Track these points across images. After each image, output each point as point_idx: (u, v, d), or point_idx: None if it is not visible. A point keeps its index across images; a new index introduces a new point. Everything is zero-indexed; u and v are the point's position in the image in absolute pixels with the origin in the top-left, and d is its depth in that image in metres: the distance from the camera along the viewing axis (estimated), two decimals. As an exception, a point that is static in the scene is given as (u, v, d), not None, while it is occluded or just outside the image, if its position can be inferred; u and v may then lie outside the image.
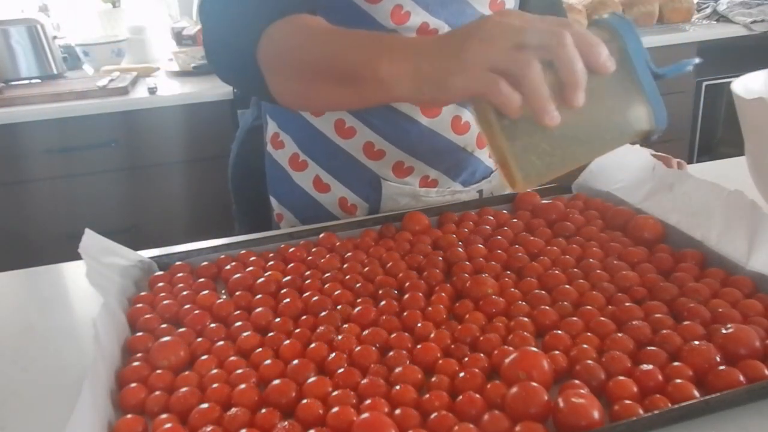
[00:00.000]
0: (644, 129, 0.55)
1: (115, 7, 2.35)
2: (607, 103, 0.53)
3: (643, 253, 0.67)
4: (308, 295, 0.63)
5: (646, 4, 2.28)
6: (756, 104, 0.67)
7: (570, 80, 0.48)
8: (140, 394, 0.51)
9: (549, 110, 0.48)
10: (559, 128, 0.50)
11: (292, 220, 0.91)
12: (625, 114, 0.54)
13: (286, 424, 0.46)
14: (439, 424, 0.45)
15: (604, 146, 0.55)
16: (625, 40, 0.52)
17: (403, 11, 0.78)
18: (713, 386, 0.47)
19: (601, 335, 0.53)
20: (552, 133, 0.51)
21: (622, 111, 0.54)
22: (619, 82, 0.52)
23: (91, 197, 1.91)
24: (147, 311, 0.62)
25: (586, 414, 0.43)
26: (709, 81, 2.32)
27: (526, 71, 0.48)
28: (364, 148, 0.84)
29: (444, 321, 0.58)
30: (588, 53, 0.49)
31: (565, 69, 0.48)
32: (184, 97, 1.88)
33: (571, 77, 0.48)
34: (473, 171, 0.91)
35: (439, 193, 0.89)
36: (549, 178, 0.55)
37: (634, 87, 0.53)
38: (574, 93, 0.49)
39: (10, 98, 1.84)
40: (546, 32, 0.48)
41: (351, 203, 0.88)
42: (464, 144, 0.87)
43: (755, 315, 0.54)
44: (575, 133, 0.53)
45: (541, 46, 0.48)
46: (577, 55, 0.48)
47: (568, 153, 0.54)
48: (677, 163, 0.85)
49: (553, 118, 0.49)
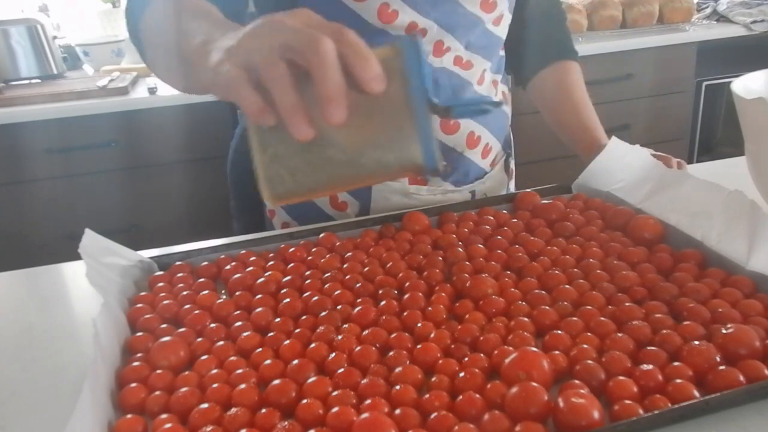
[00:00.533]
0: (410, 164, 0.48)
1: (115, 7, 2.35)
2: (373, 127, 0.47)
3: (643, 253, 0.67)
4: (308, 295, 0.63)
5: (646, 4, 2.28)
6: (756, 104, 0.67)
7: (321, 91, 0.43)
8: (140, 394, 0.51)
9: (295, 121, 0.44)
10: (315, 146, 0.46)
11: (284, 216, 0.91)
12: (391, 144, 0.48)
13: (286, 424, 0.46)
14: (439, 424, 0.45)
15: (368, 175, 0.49)
16: (405, 60, 0.47)
17: (390, 9, 0.77)
18: (713, 386, 0.47)
19: (601, 335, 0.53)
20: (305, 149, 0.47)
21: (388, 139, 0.48)
22: (391, 107, 0.47)
23: (91, 197, 1.91)
24: (147, 311, 0.62)
25: (586, 414, 0.43)
26: (709, 81, 2.32)
27: (271, 74, 0.44)
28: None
29: (444, 321, 0.58)
30: (354, 66, 0.44)
31: (318, 78, 0.43)
32: (184, 97, 1.87)
33: (322, 88, 0.43)
34: (465, 171, 0.91)
35: (430, 191, 0.89)
36: (302, 197, 0.50)
37: (406, 115, 0.47)
38: (327, 106, 0.43)
39: (10, 98, 1.83)
40: (306, 37, 0.43)
41: (341, 200, 0.89)
42: (453, 144, 0.87)
43: (755, 315, 0.54)
44: (332, 154, 0.48)
45: (298, 51, 0.44)
46: (333, 65, 0.43)
47: (323, 175, 0.48)
48: (677, 162, 0.85)
49: (300, 131, 0.44)
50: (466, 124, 0.87)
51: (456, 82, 0.85)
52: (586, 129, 0.90)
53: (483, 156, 0.92)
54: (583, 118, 0.91)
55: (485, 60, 0.88)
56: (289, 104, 0.44)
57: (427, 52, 0.81)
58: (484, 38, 0.86)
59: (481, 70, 0.88)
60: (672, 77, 2.27)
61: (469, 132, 0.87)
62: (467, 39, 0.84)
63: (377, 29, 0.78)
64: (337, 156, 0.48)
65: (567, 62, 0.96)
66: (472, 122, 0.87)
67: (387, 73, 0.45)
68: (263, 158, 0.48)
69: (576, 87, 0.94)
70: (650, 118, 2.29)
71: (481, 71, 0.88)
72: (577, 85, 0.94)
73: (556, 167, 0.86)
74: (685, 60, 2.26)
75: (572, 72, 0.95)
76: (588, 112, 0.92)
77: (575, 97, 0.93)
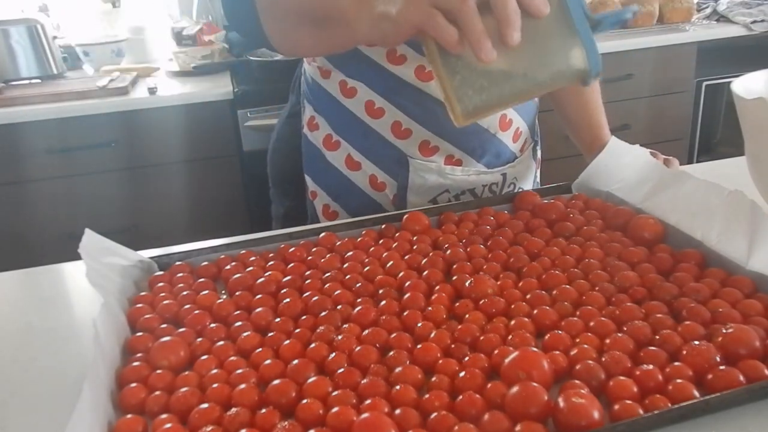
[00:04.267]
0: (578, 70, 0.57)
1: (115, 7, 2.35)
2: (543, 44, 0.56)
3: (643, 253, 0.67)
4: (308, 295, 0.63)
5: (646, 4, 2.28)
6: (756, 104, 0.67)
7: (502, 18, 0.52)
8: (140, 394, 0.51)
9: (483, 45, 0.52)
10: (497, 66, 0.54)
11: (325, 197, 0.94)
12: (559, 55, 0.56)
13: (286, 424, 0.46)
14: (439, 424, 0.45)
15: (540, 86, 0.58)
16: None
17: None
18: (713, 386, 0.47)
19: (601, 335, 0.53)
20: (489, 70, 0.55)
21: (556, 52, 0.56)
22: (555, 25, 0.55)
23: (91, 197, 1.91)
24: (147, 311, 0.62)
25: (586, 414, 0.43)
26: (709, 81, 2.32)
27: (460, 5, 0.53)
28: (392, 128, 0.87)
29: (444, 321, 0.58)
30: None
31: (498, 8, 0.52)
32: (184, 97, 1.88)
33: (503, 15, 0.52)
34: (497, 153, 0.92)
35: (464, 172, 0.90)
36: (487, 113, 0.59)
37: (570, 30, 0.55)
38: (507, 31, 0.52)
39: (10, 98, 1.83)
40: None
41: (380, 180, 0.90)
42: (487, 125, 0.88)
43: (755, 315, 0.54)
44: (512, 72, 0.56)
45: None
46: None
47: (505, 90, 0.56)
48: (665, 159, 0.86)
49: (488, 53, 0.53)
50: None
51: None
52: (590, 127, 0.91)
53: (514, 140, 0.93)
54: (589, 116, 0.92)
55: None
56: (478, 31, 0.52)
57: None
58: None
59: None
60: (672, 77, 2.27)
61: (502, 114, 0.89)
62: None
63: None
64: (515, 73, 0.56)
65: None
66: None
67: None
68: (453, 83, 0.56)
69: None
70: (650, 118, 2.29)
71: None
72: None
73: (582, 164, 0.87)
74: (685, 60, 2.26)
75: None
76: (595, 111, 0.93)
77: (585, 94, 0.93)
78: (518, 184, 0.95)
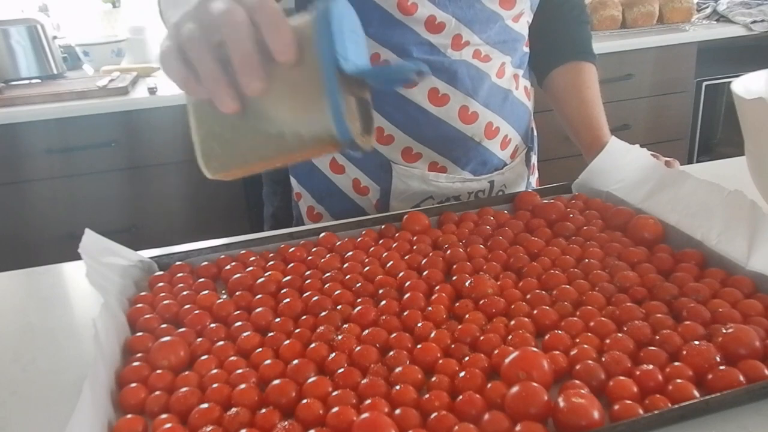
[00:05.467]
0: (328, 137, 0.46)
1: (115, 7, 2.35)
2: (293, 99, 0.46)
3: (643, 253, 0.67)
4: (308, 295, 0.63)
5: (646, 4, 2.28)
6: (756, 104, 0.67)
7: (235, 63, 0.44)
8: (140, 394, 0.51)
9: (218, 93, 0.45)
10: (246, 120, 0.46)
11: (310, 199, 0.94)
12: (306, 115, 0.46)
13: (286, 424, 0.46)
14: (439, 424, 0.45)
15: (288, 149, 0.48)
16: (316, 26, 0.44)
17: (410, 2, 0.79)
18: (713, 386, 0.47)
19: (601, 335, 0.53)
20: (235, 123, 0.47)
21: (303, 111, 0.46)
22: (306, 78, 0.45)
23: (91, 197, 1.91)
24: (147, 311, 0.62)
25: (586, 414, 0.43)
26: (709, 81, 2.32)
27: (191, 49, 0.45)
28: (375, 133, 0.86)
29: (444, 321, 0.58)
30: (264, 36, 0.44)
31: (231, 50, 0.44)
32: (184, 97, 1.87)
33: (236, 59, 0.44)
34: (483, 161, 0.91)
35: (448, 179, 0.89)
36: (236, 172, 0.50)
37: (318, 86, 0.45)
38: (240, 76, 0.44)
39: (10, 98, 1.83)
40: (221, 10, 0.44)
41: (363, 185, 0.90)
42: (471, 134, 0.88)
43: (755, 315, 0.54)
44: (259, 127, 0.47)
45: (215, 25, 0.44)
46: (242, 35, 0.44)
47: (252, 148, 0.48)
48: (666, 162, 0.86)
49: (223, 103, 0.45)
50: (484, 114, 0.88)
51: (474, 73, 0.86)
52: (590, 127, 0.91)
53: (502, 147, 0.92)
54: (589, 116, 0.92)
55: (504, 54, 0.89)
56: (210, 77, 0.45)
57: (446, 45, 0.83)
58: (503, 34, 0.87)
59: (499, 63, 0.88)
60: (672, 77, 2.27)
61: (488, 122, 0.88)
62: (486, 34, 0.85)
63: (397, 20, 0.80)
64: (266, 129, 0.47)
65: (583, 63, 0.96)
66: (490, 113, 0.88)
67: (303, 43, 0.44)
68: (200, 133, 0.49)
69: (587, 86, 0.94)
70: (650, 118, 2.29)
71: (499, 64, 0.89)
72: (588, 84, 0.94)
73: (582, 164, 0.86)
74: (685, 60, 2.26)
75: (586, 72, 0.96)
76: (595, 111, 0.92)
77: (584, 95, 0.93)
78: (507, 191, 0.94)
